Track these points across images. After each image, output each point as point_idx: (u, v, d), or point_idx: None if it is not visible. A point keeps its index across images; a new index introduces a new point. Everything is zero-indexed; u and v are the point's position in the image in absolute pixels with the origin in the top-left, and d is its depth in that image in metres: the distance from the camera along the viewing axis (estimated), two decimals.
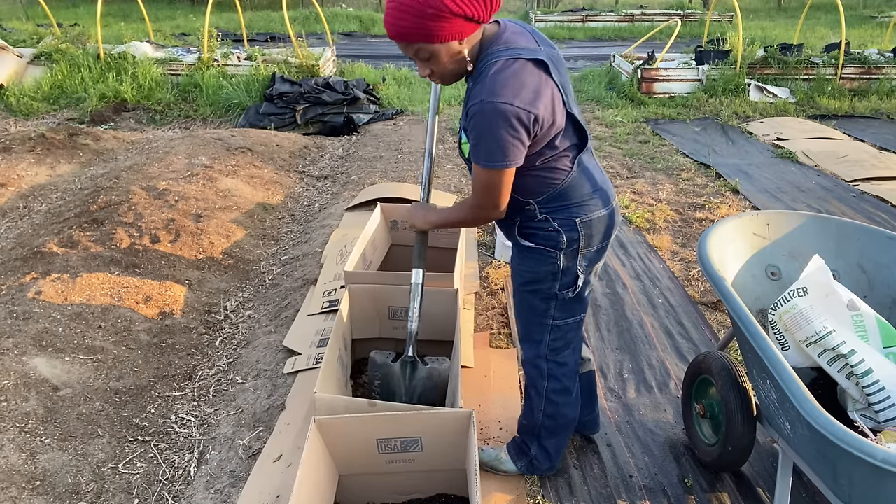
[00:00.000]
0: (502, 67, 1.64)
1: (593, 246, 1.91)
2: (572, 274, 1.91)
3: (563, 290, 1.94)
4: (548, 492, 2.24)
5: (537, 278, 1.94)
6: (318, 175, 5.75)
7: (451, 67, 1.70)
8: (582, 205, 1.86)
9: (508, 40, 1.71)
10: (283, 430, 2.49)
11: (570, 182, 1.83)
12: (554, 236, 1.87)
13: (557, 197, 1.84)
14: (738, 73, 8.34)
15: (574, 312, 2.01)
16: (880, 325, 1.93)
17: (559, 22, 16.92)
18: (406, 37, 1.61)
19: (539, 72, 1.67)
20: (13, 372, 2.68)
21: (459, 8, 1.56)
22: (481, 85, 1.65)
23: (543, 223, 1.87)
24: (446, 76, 1.74)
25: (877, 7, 20.21)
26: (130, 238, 3.88)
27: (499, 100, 1.60)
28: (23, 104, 7.70)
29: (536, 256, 1.91)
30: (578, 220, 1.85)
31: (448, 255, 3.22)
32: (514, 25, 1.79)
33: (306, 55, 8.44)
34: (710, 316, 3.36)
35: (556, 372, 2.08)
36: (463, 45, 1.66)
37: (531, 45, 1.73)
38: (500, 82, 1.62)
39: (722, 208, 4.74)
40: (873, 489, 1.47)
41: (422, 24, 1.57)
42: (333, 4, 20.72)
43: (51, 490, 2.25)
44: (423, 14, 1.55)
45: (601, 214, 1.88)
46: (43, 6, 10.49)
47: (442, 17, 1.56)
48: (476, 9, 1.59)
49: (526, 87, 1.63)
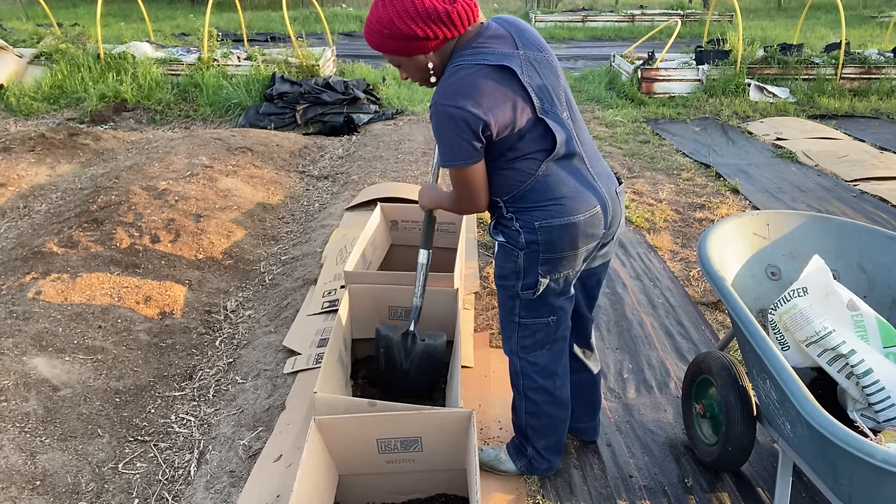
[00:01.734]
0: (459, 72, 1.71)
1: (555, 252, 1.86)
2: (533, 275, 1.91)
3: (524, 290, 1.95)
4: (548, 492, 2.24)
5: (504, 274, 1.98)
6: (318, 175, 5.75)
7: (419, 76, 1.82)
8: (544, 209, 1.83)
9: (480, 45, 1.74)
10: (283, 430, 2.49)
11: (534, 185, 1.82)
12: (515, 235, 1.89)
13: (521, 198, 1.85)
14: (738, 73, 8.33)
15: (540, 314, 1.99)
16: (880, 325, 1.93)
17: (559, 22, 16.91)
18: (377, 48, 1.77)
19: (500, 78, 1.71)
20: (13, 372, 2.68)
21: (411, 31, 1.68)
22: (438, 87, 1.74)
23: (509, 221, 1.90)
24: (419, 82, 1.85)
25: (877, 7, 20.20)
26: (130, 238, 3.88)
27: (448, 103, 1.68)
28: (23, 104, 7.70)
29: (504, 252, 1.95)
30: (538, 224, 1.84)
31: (448, 255, 3.22)
32: (497, 27, 1.80)
33: (306, 55, 8.44)
34: (710, 316, 3.36)
35: (528, 370, 2.09)
36: (430, 57, 1.76)
37: (506, 48, 1.75)
38: (452, 86, 1.70)
39: (722, 208, 4.74)
40: (873, 489, 1.47)
41: (383, 41, 1.73)
42: (333, 4, 20.72)
43: (51, 490, 2.25)
44: (381, 34, 1.72)
45: (564, 222, 1.83)
46: (43, 6, 10.49)
47: (397, 38, 1.71)
48: (431, 31, 1.68)
49: (479, 91, 1.68)
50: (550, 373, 2.10)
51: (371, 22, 1.72)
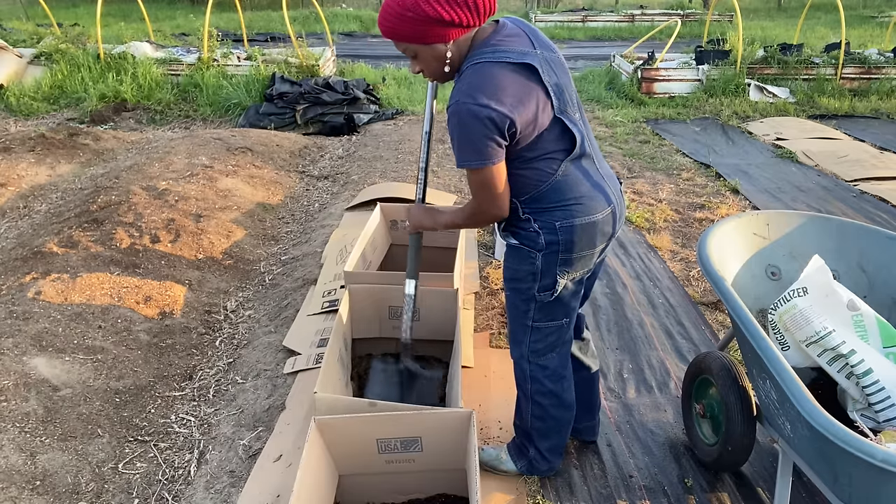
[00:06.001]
0: (482, 70, 1.67)
1: (574, 252, 1.87)
2: (551, 277, 1.90)
3: (541, 291, 1.93)
4: (548, 492, 2.24)
5: (518, 276, 1.95)
6: (318, 175, 5.75)
7: (436, 67, 1.75)
8: (564, 209, 1.83)
9: (499, 42, 1.71)
10: (283, 430, 2.49)
11: (554, 185, 1.81)
12: (534, 237, 1.86)
13: (540, 199, 1.83)
14: (738, 73, 8.33)
15: (555, 316, 1.99)
16: (880, 325, 1.93)
17: (559, 22, 16.91)
18: (393, 36, 1.69)
19: (522, 75, 1.68)
20: (13, 372, 2.68)
21: (437, 13, 1.61)
22: (459, 86, 1.69)
23: (525, 223, 1.87)
24: (435, 74, 1.79)
25: (877, 7, 20.20)
26: (130, 238, 3.88)
27: (472, 101, 1.63)
28: (23, 104, 7.70)
29: (518, 255, 1.92)
30: (559, 224, 1.83)
31: (448, 255, 3.22)
32: (513, 27, 1.78)
33: (306, 55, 8.44)
34: (710, 316, 3.36)
35: (538, 374, 2.08)
36: (449, 47, 1.70)
37: (524, 47, 1.72)
38: (476, 84, 1.65)
39: (722, 208, 4.74)
40: (873, 489, 1.48)
41: (403, 25, 1.65)
42: (333, 4, 20.72)
43: (51, 490, 2.25)
44: (402, 17, 1.64)
45: (585, 221, 1.84)
46: (43, 6, 10.50)
47: (420, 22, 1.62)
48: (456, 14, 1.62)
49: (504, 90, 1.64)
50: (560, 376, 2.10)
51: (391, 5, 1.64)
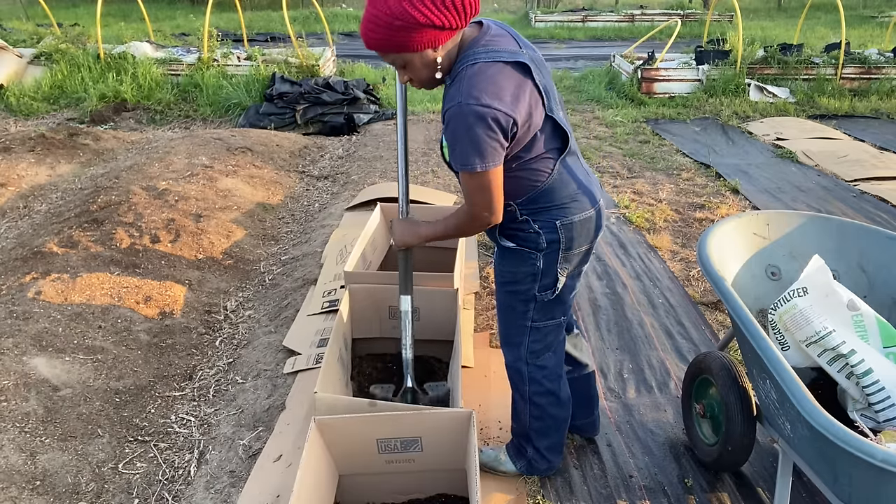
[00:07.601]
0: (480, 70, 1.64)
1: (574, 248, 1.89)
2: (552, 276, 1.90)
3: (542, 291, 1.93)
4: (548, 492, 2.24)
5: (516, 279, 1.94)
6: (318, 175, 5.75)
7: (427, 74, 1.71)
8: (563, 207, 1.84)
9: (489, 42, 1.70)
10: (283, 430, 2.49)
11: (551, 184, 1.82)
12: (534, 238, 1.86)
13: (538, 199, 1.83)
14: (738, 73, 8.33)
15: (554, 315, 2.00)
16: (880, 325, 1.93)
17: (559, 22, 16.91)
18: (379, 48, 1.63)
19: (519, 74, 1.67)
20: (13, 372, 2.68)
21: (427, 19, 1.56)
22: (458, 87, 1.64)
23: (524, 224, 1.87)
24: (425, 82, 1.74)
25: (877, 7, 20.19)
26: (130, 238, 3.88)
27: (476, 102, 1.60)
28: (23, 104, 7.70)
29: (516, 257, 1.91)
30: (559, 222, 1.84)
31: (448, 255, 3.22)
32: (497, 28, 1.78)
33: (306, 55, 8.44)
34: (710, 316, 3.36)
35: (536, 375, 2.08)
36: (438, 52, 1.66)
37: (512, 47, 1.72)
38: (477, 85, 1.62)
39: (722, 208, 4.74)
40: (873, 489, 1.47)
41: (392, 35, 1.58)
42: (333, 4, 20.72)
43: (51, 490, 2.25)
44: (391, 26, 1.56)
45: (583, 217, 1.87)
46: (43, 6, 10.49)
47: (410, 29, 1.56)
48: (446, 18, 1.58)
49: (504, 89, 1.63)
50: (557, 375, 2.11)
51: (376, 17, 1.57)
